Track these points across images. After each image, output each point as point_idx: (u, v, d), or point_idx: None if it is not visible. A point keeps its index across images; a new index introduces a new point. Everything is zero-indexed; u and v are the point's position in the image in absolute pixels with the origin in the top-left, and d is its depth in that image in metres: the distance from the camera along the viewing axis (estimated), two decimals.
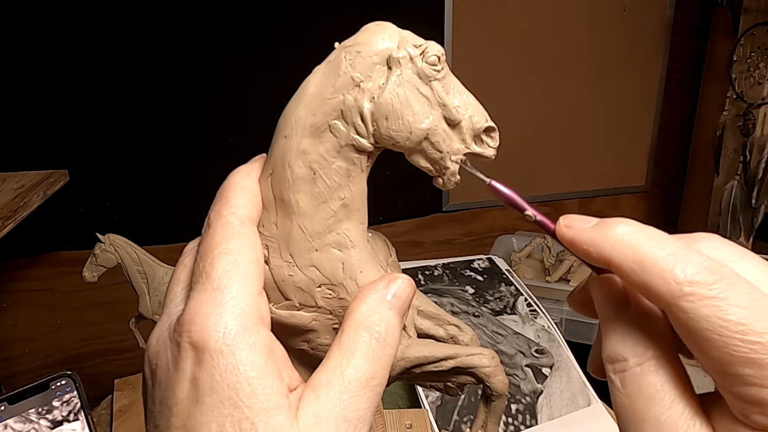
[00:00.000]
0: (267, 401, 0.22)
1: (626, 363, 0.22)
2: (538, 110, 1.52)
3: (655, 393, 0.21)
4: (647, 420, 0.21)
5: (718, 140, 1.52)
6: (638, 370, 0.22)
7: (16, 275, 1.26)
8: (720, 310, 0.19)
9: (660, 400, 0.21)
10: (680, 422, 0.21)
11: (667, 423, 0.21)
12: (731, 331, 0.19)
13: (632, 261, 0.21)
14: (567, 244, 0.24)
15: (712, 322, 0.19)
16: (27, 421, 0.68)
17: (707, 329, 0.19)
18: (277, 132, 0.28)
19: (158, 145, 1.26)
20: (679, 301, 0.20)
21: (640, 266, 0.21)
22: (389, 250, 0.34)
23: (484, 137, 0.29)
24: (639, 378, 0.22)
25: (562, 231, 0.24)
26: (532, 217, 0.27)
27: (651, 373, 0.22)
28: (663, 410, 0.21)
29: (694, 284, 0.20)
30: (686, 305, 0.20)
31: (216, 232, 0.26)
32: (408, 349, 0.32)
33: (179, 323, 0.24)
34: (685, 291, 0.20)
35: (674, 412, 0.21)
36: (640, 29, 1.53)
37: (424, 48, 0.27)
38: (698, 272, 0.20)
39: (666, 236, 0.22)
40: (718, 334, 0.19)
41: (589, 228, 0.23)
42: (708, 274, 0.20)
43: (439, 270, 1.11)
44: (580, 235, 0.23)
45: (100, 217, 1.25)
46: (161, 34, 1.19)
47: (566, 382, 0.91)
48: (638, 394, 0.22)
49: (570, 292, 0.28)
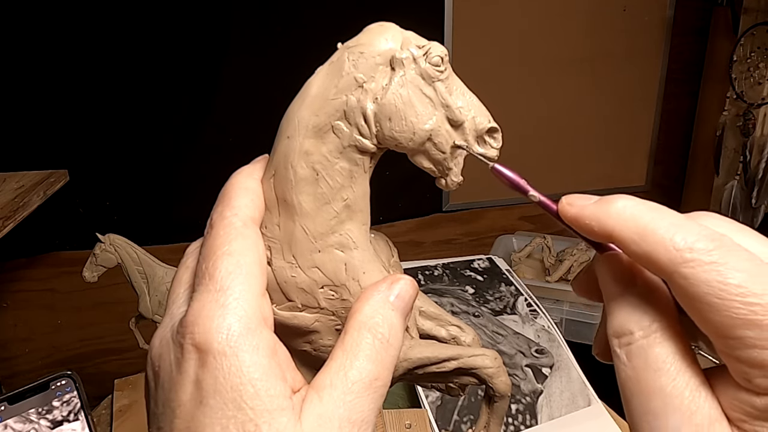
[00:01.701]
0: (271, 403, 0.22)
1: (632, 336, 0.22)
2: (538, 110, 1.52)
3: (661, 364, 0.22)
4: (653, 391, 0.21)
5: (718, 140, 1.52)
6: (644, 342, 0.22)
7: (16, 275, 1.26)
8: (720, 274, 0.20)
9: (666, 371, 0.21)
10: (686, 392, 0.21)
11: (673, 394, 0.21)
12: (731, 294, 0.19)
13: (634, 232, 0.22)
14: (570, 221, 0.25)
15: (712, 286, 0.20)
16: (27, 421, 0.68)
17: (708, 293, 0.20)
18: (280, 133, 0.28)
19: (158, 145, 1.26)
20: (679, 268, 0.20)
21: (641, 237, 0.22)
22: (391, 250, 0.33)
23: (486, 138, 0.29)
24: (645, 350, 0.22)
25: (564, 209, 0.25)
26: (536, 198, 0.27)
27: (657, 344, 0.22)
28: (669, 381, 0.21)
29: (694, 251, 0.20)
30: (687, 271, 0.20)
31: (219, 233, 0.26)
32: (411, 350, 0.31)
33: (182, 325, 0.24)
34: (686, 257, 0.20)
35: (680, 382, 0.21)
36: (640, 29, 1.53)
37: (428, 48, 0.27)
38: (698, 239, 0.21)
39: (666, 209, 0.22)
40: (719, 297, 0.20)
41: (591, 204, 0.24)
42: (708, 241, 0.20)
43: (439, 270, 1.11)
44: (582, 212, 0.24)
45: (100, 217, 1.25)
46: (161, 34, 1.19)
47: (566, 382, 0.91)
48: (644, 366, 0.22)
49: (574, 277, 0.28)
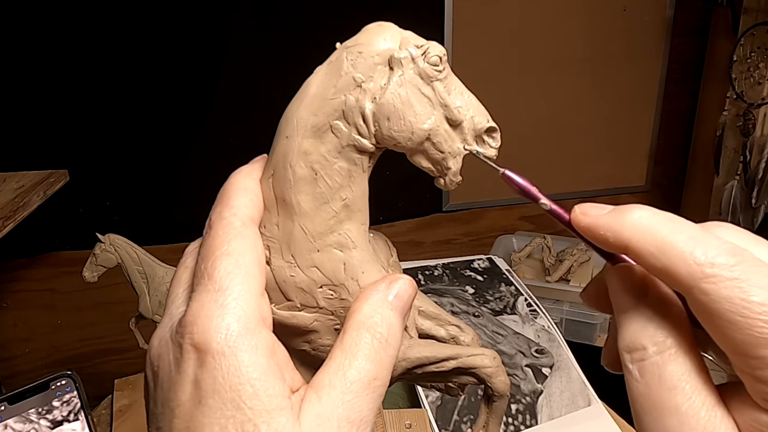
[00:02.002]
0: (269, 403, 0.22)
1: (645, 352, 0.22)
2: (538, 110, 1.52)
3: (676, 382, 0.21)
4: (667, 410, 0.21)
5: (718, 140, 1.52)
6: (658, 359, 0.21)
7: (16, 275, 1.26)
8: (743, 291, 0.19)
9: (681, 389, 0.21)
10: (702, 412, 0.21)
11: (689, 413, 0.21)
12: (754, 313, 0.19)
13: (651, 245, 0.21)
14: (583, 231, 0.24)
15: (734, 303, 0.19)
16: (27, 421, 0.68)
17: (729, 311, 0.19)
18: (279, 132, 0.28)
19: (158, 145, 1.26)
20: (700, 283, 0.20)
21: (659, 250, 0.21)
22: (390, 250, 0.33)
23: (485, 137, 0.29)
24: (659, 367, 0.21)
25: (578, 218, 0.24)
26: (547, 206, 0.26)
27: (671, 361, 0.21)
28: (684, 400, 0.21)
29: (715, 266, 0.20)
30: (708, 287, 0.20)
31: (217, 233, 0.26)
32: (409, 349, 0.31)
33: (181, 325, 0.24)
34: (707, 272, 0.20)
35: (696, 401, 0.21)
36: (640, 29, 1.53)
37: (426, 48, 0.27)
38: (719, 254, 0.20)
39: (684, 221, 0.22)
40: (741, 315, 0.19)
41: (606, 214, 0.23)
42: (729, 256, 0.20)
43: (439, 270, 1.11)
44: (596, 221, 0.23)
45: (100, 217, 1.25)
46: (161, 33, 1.19)
47: (566, 382, 0.91)
48: (658, 384, 0.21)
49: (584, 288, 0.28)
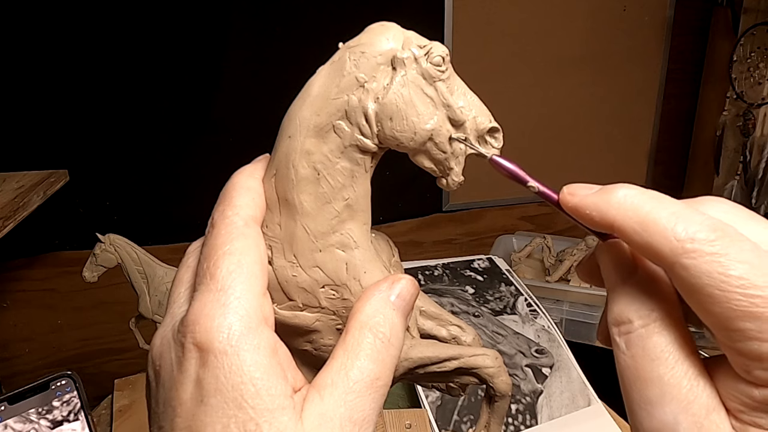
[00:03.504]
0: (272, 402, 0.22)
1: (631, 325, 0.22)
2: (538, 110, 1.52)
3: (659, 353, 0.21)
4: (651, 380, 0.21)
5: (718, 140, 1.52)
6: (643, 331, 0.22)
7: (16, 275, 1.26)
8: (721, 265, 0.19)
9: (664, 360, 0.21)
10: (684, 382, 0.21)
11: (671, 383, 0.21)
12: (732, 286, 0.19)
13: (635, 222, 0.22)
14: (570, 211, 0.24)
15: (713, 277, 0.20)
16: (27, 421, 0.68)
17: (708, 285, 0.20)
18: (281, 132, 0.28)
19: (158, 144, 1.26)
20: (680, 258, 0.20)
21: (642, 226, 0.21)
22: (392, 250, 0.33)
23: (488, 138, 0.29)
24: (644, 339, 0.22)
25: (565, 198, 0.25)
26: (535, 188, 0.27)
27: (656, 334, 0.22)
28: (667, 370, 0.21)
29: (695, 241, 0.20)
30: (688, 262, 0.20)
31: (220, 232, 0.26)
32: (411, 349, 0.31)
33: (183, 324, 0.24)
34: (687, 248, 0.20)
35: (678, 372, 0.21)
36: (640, 29, 1.53)
37: (429, 48, 0.27)
38: (700, 230, 0.20)
39: (668, 198, 0.22)
40: (720, 289, 0.19)
41: (592, 193, 0.24)
42: (709, 231, 0.20)
43: (439, 270, 1.11)
44: (583, 201, 0.24)
45: (100, 217, 1.25)
46: (161, 33, 1.19)
47: (566, 382, 0.91)
48: (642, 355, 0.22)
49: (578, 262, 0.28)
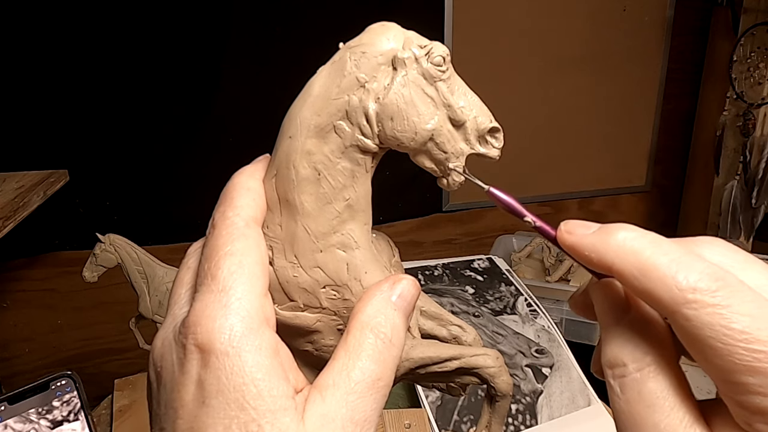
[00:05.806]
0: (273, 403, 0.22)
1: (625, 368, 0.22)
2: (538, 110, 1.52)
3: (654, 400, 0.21)
4: (646, 427, 0.21)
5: (718, 140, 1.52)
6: (638, 375, 0.22)
7: (16, 275, 1.26)
8: (723, 318, 0.19)
9: (659, 407, 0.21)
10: (679, 430, 0.21)
11: (666, 430, 0.21)
12: (735, 340, 0.19)
13: (634, 267, 0.21)
14: (568, 249, 0.24)
15: (715, 330, 0.19)
16: (27, 421, 0.68)
17: (710, 337, 0.19)
18: (282, 132, 0.28)
19: (158, 144, 1.26)
20: (681, 309, 0.20)
21: (642, 272, 0.21)
22: (392, 250, 0.33)
23: (488, 138, 0.29)
24: (638, 384, 0.22)
25: (563, 237, 0.24)
26: (532, 223, 0.27)
27: (650, 379, 0.21)
28: (662, 417, 0.21)
29: (697, 291, 0.20)
30: (689, 313, 0.20)
31: (221, 233, 0.26)
32: (412, 349, 0.31)
33: (184, 325, 0.24)
34: (688, 298, 0.20)
35: (674, 419, 0.21)
36: (640, 29, 1.53)
37: (429, 48, 0.27)
38: (701, 279, 0.20)
39: (668, 242, 0.22)
40: (722, 342, 0.19)
41: (591, 234, 0.23)
42: (711, 281, 0.20)
43: (439, 270, 1.11)
44: (581, 241, 0.23)
45: (100, 217, 1.25)
46: (161, 33, 1.19)
47: (566, 382, 0.91)
48: (638, 401, 0.21)
49: (571, 295, 0.28)
